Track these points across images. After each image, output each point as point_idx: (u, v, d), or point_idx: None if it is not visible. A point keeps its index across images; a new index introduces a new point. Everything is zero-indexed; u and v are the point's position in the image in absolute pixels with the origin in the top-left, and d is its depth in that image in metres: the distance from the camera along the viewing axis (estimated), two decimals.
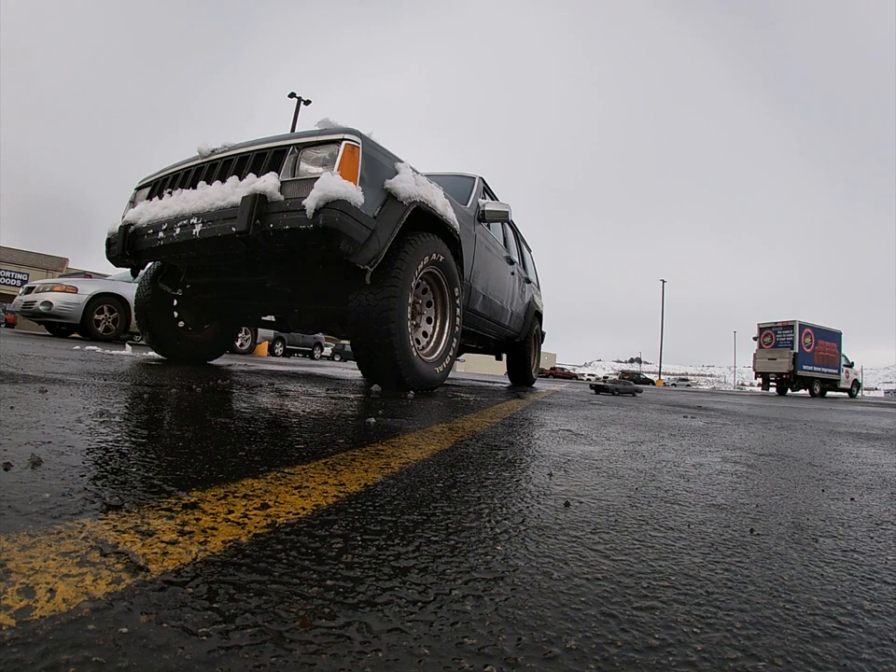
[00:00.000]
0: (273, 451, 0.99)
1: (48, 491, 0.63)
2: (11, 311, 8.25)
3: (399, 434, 1.36)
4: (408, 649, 0.39)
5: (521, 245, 6.12)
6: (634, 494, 0.94)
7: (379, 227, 2.47)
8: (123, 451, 0.88)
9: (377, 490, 0.80)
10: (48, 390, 1.44)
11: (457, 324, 3.32)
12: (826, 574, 0.62)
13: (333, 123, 2.55)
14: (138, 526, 0.56)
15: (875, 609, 0.53)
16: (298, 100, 18.13)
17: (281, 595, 0.45)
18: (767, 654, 0.42)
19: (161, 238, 2.76)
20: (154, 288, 3.53)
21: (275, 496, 0.72)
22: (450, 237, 3.21)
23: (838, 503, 1.02)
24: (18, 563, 0.45)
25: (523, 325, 5.90)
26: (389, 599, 0.46)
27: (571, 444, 1.49)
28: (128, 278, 7.37)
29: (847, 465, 1.55)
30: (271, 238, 2.33)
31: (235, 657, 0.36)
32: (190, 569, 0.48)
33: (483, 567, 0.55)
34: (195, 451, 0.93)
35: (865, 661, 0.43)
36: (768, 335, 18.54)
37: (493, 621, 0.44)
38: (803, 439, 2.28)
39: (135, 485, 0.70)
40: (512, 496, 0.85)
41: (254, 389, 2.23)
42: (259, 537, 0.57)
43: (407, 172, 2.69)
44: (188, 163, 2.96)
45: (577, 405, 3.36)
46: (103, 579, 0.44)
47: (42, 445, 0.84)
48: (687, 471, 1.22)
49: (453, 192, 3.59)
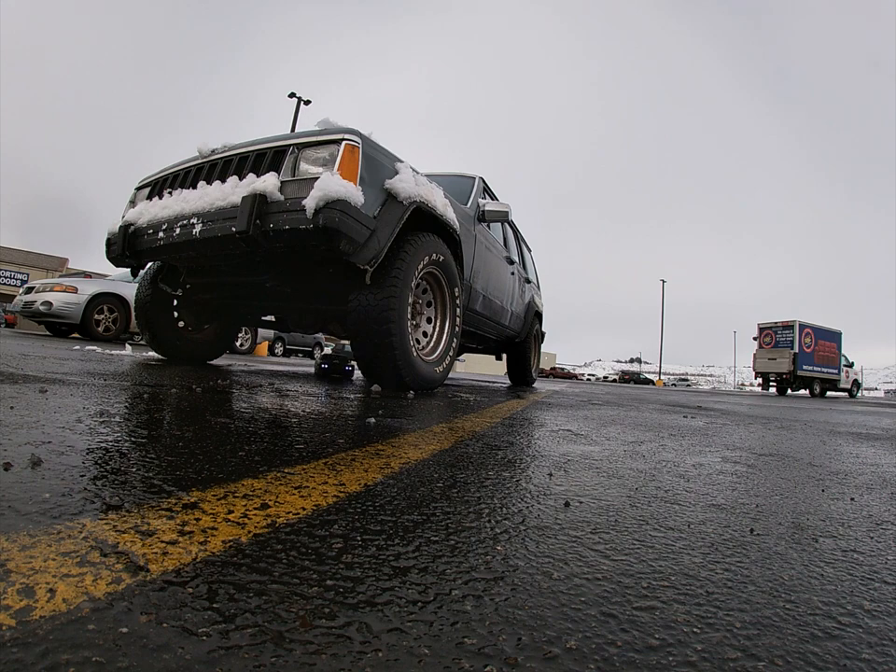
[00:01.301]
0: (272, 451, 0.99)
1: (48, 491, 0.63)
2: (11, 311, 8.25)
3: (399, 434, 1.36)
4: (408, 649, 0.39)
5: (521, 245, 6.12)
6: (634, 494, 0.94)
7: (379, 227, 2.47)
8: (123, 451, 0.88)
9: (377, 490, 0.80)
10: (48, 390, 1.44)
11: (457, 324, 3.32)
12: (826, 574, 0.62)
13: (333, 123, 2.55)
14: (138, 526, 0.56)
15: (875, 609, 0.53)
16: (298, 100, 18.13)
17: (281, 595, 0.45)
18: (767, 654, 0.42)
19: (161, 238, 2.76)
20: (154, 288, 3.53)
21: (275, 496, 0.72)
22: (450, 237, 3.20)
23: (838, 503, 1.02)
24: (18, 563, 0.45)
25: (523, 325, 5.90)
26: (389, 599, 0.46)
27: (571, 444, 1.49)
28: (128, 278, 7.37)
29: (847, 465, 1.55)
30: (271, 238, 2.33)
31: (235, 657, 0.36)
32: (190, 569, 0.48)
33: (483, 567, 0.55)
34: (195, 451, 0.93)
35: (865, 661, 0.43)
36: (768, 335, 18.54)
37: (493, 621, 0.44)
38: (803, 439, 2.28)
39: (135, 485, 0.70)
40: (512, 496, 0.85)
41: (254, 389, 2.23)
42: (259, 537, 0.57)
43: (407, 172, 2.69)
44: (188, 163, 2.96)
45: (577, 405, 3.36)
46: (103, 579, 0.44)
47: (42, 445, 0.84)
48: (687, 471, 1.22)
49: (453, 192, 3.59)
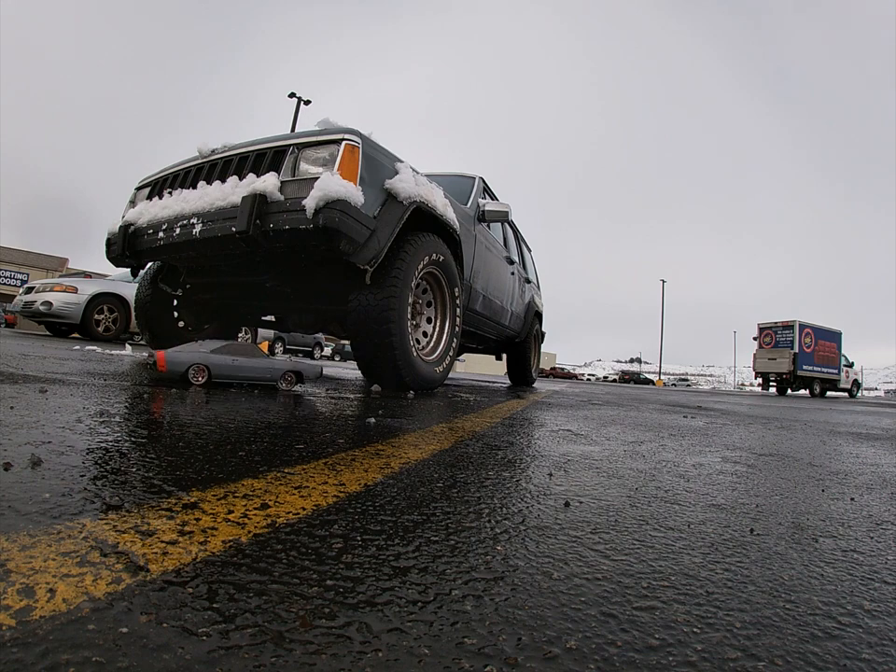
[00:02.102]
0: (272, 451, 0.99)
1: (48, 491, 0.63)
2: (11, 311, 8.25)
3: (399, 434, 1.36)
4: (408, 649, 0.39)
5: (521, 245, 6.12)
6: (634, 494, 0.94)
7: (379, 227, 2.47)
8: (123, 451, 0.88)
9: (377, 490, 0.80)
10: (48, 390, 1.44)
11: (457, 324, 3.32)
12: (826, 574, 0.62)
13: (333, 123, 2.55)
14: (138, 526, 0.56)
15: (875, 609, 0.53)
16: (298, 100, 18.13)
17: (281, 595, 0.44)
18: (767, 654, 0.42)
19: (161, 238, 2.76)
20: (154, 288, 3.54)
21: (275, 496, 0.72)
22: (450, 237, 3.21)
23: (838, 503, 1.02)
24: (18, 563, 0.45)
25: (523, 325, 5.90)
26: (389, 599, 0.46)
27: (571, 444, 1.49)
28: (128, 278, 7.37)
29: (846, 465, 1.55)
30: (271, 238, 2.33)
31: (235, 657, 0.36)
32: (190, 569, 0.48)
33: (483, 567, 0.55)
34: (195, 451, 0.93)
35: (865, 661, 0.43)
36: (768, 335, 18.53)
37: (493, 621, 0.44)
38: (803, 439, 2.28)
39: (135, 485, 0.70)
40: (512, 496, 0.85)
41: (254, 389, 2.23)
42: (259, 537, 0.57)
43: (407, 172, 2.69)
44: (188, 163, 2.96)
45: (577, 405, 3.36)
46: (103, 579, 0.44)
47: (42, 445, 0.84)
48: (687, 471, 1.22)
49: (453, 192, 3.59)
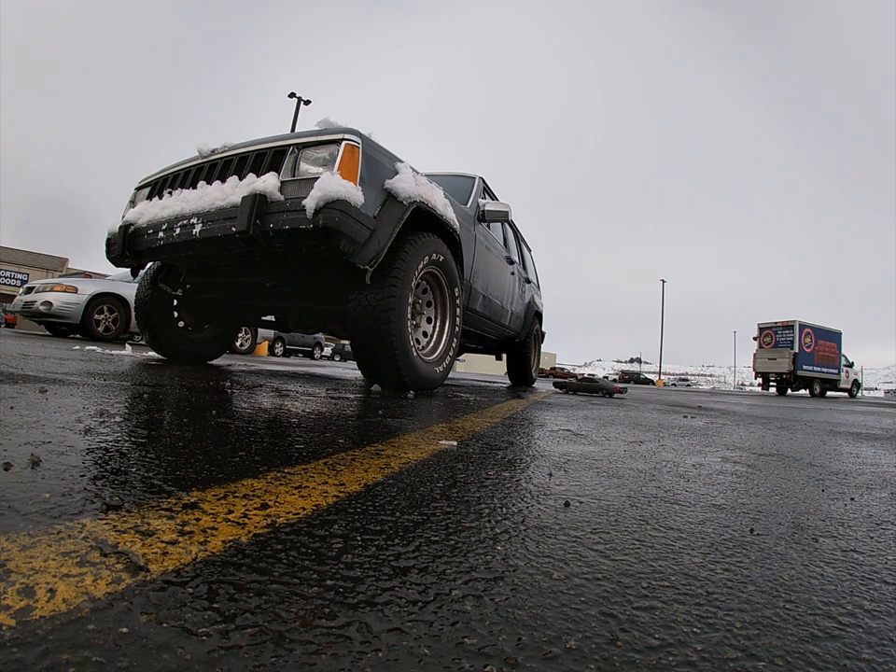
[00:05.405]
0: (272, 451, 0.99)
1: (48, 491, 0.63)
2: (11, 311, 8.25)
3: (399, 434, 1.36)
4: (408, 649, 0.39)
5: (521, 245, 6.12)
6: (634, 494, 0.94)
7: (379, 227, 2.47)
8: (123, 451, 0.88)
9: (377, 490, 0.80)
10: (48, 390, 1.44)
11: (457, 324, 3.32)
12: (826, 574, 0.62)
13: (333, 123, 2.55)
14: (138, 526, 0.56)
15: (875, 609, 0.53)
16: (298, 100, 18.13)
17: (281, 595, 0.45)
18: (767, 654, 0.42)
19: (161, 238, 2.76)
20: (154, 288, 3.53)
21: (275, 496, 0.72)
22: (450, 237, 3.20)
23: (838, 503, 1.02)
24: (18, 563, 0.45)
25: (523, 325, 5.90)
26: (389, 599, 0.46)
27: (571, 444, 1.49)
28: (128, 278, 7.37)
29: (846, 465, 1.55)
30: (271, 238, 2.33)
31: (235, 657, 0.36)
32: (190, 569, 0.48)
33: (483, 567, 0.55)
34: (195, 451, 0.93)
35: (865, 661, 0.43)
36: (768, 335, 18.53)
37: (493, 621, 0.44)
38: (803, 439, 2.28)
39: (135, 485, 0.70)
40: (512, 495, 0.85)
41: (254, 389, 2.23)
42: (259, 537, 0.57)
43: (407, 172, 2.68)
44: (188, 163, 2.96)
45: (577, 405, 3.36)
46: (103, 579, 0.44)
47: (42, 445, 0.84)
48: (687, 471, 1.22)
49: (453, 192, 3.59)
